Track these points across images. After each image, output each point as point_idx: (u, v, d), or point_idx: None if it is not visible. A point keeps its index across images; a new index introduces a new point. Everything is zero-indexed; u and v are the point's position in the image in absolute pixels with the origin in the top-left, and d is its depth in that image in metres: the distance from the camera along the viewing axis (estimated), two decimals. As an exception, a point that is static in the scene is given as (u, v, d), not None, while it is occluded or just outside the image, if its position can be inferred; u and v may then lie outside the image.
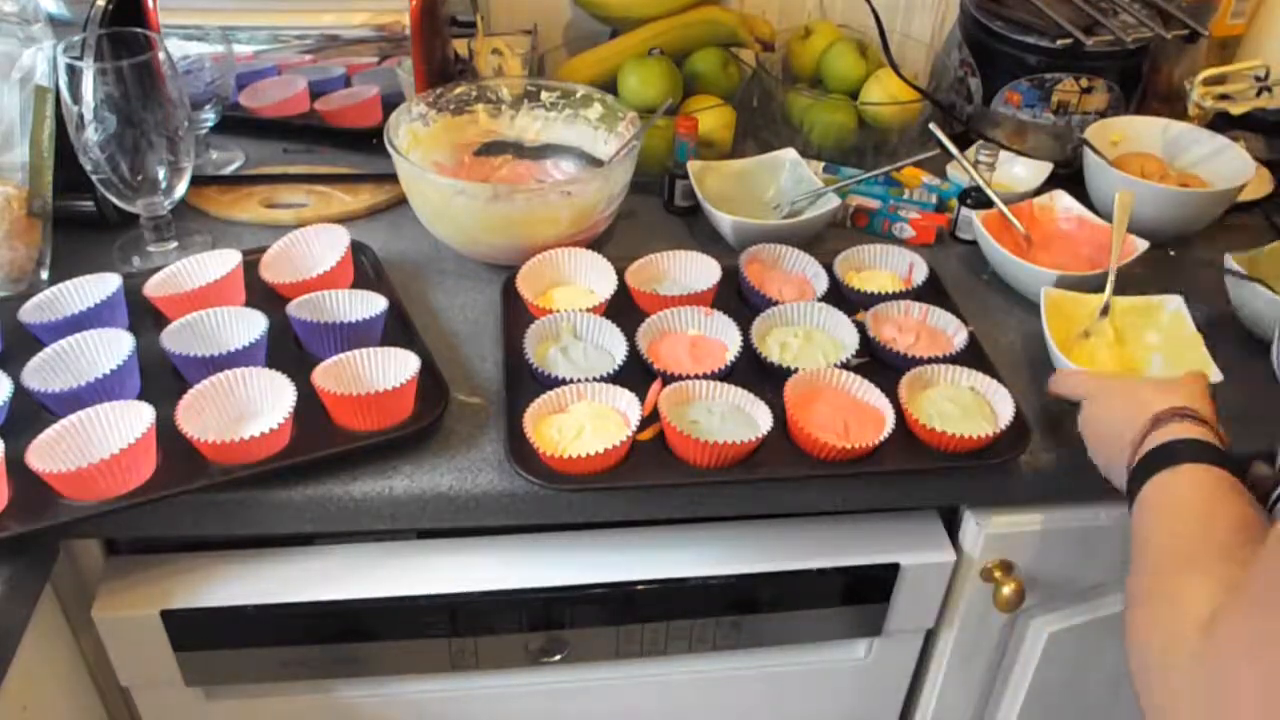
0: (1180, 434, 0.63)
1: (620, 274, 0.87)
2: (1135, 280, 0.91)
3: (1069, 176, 1.06)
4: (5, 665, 0.65)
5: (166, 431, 0.69)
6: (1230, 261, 0.89)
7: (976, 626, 0.88)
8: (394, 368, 0.76)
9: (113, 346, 0.76)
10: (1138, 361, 0.86)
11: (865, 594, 0.84)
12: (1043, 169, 1.07)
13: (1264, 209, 1.09)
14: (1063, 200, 0.99)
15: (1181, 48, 1.15)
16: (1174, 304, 0.87)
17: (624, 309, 0.85)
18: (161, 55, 0.82)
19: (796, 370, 0.78)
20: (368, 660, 0.81)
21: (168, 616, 0.75)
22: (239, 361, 0.75)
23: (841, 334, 0.84)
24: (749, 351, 0.81)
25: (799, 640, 0.88)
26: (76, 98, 0.80)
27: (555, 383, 0.77)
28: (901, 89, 1.08)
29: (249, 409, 0.74)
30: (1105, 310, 0.87)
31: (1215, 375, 0.79)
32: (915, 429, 0.75)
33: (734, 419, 0.74)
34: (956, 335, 0.84)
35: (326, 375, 0.74)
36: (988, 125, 1.11)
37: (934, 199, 1.03)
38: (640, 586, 0.79)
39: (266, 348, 0.78)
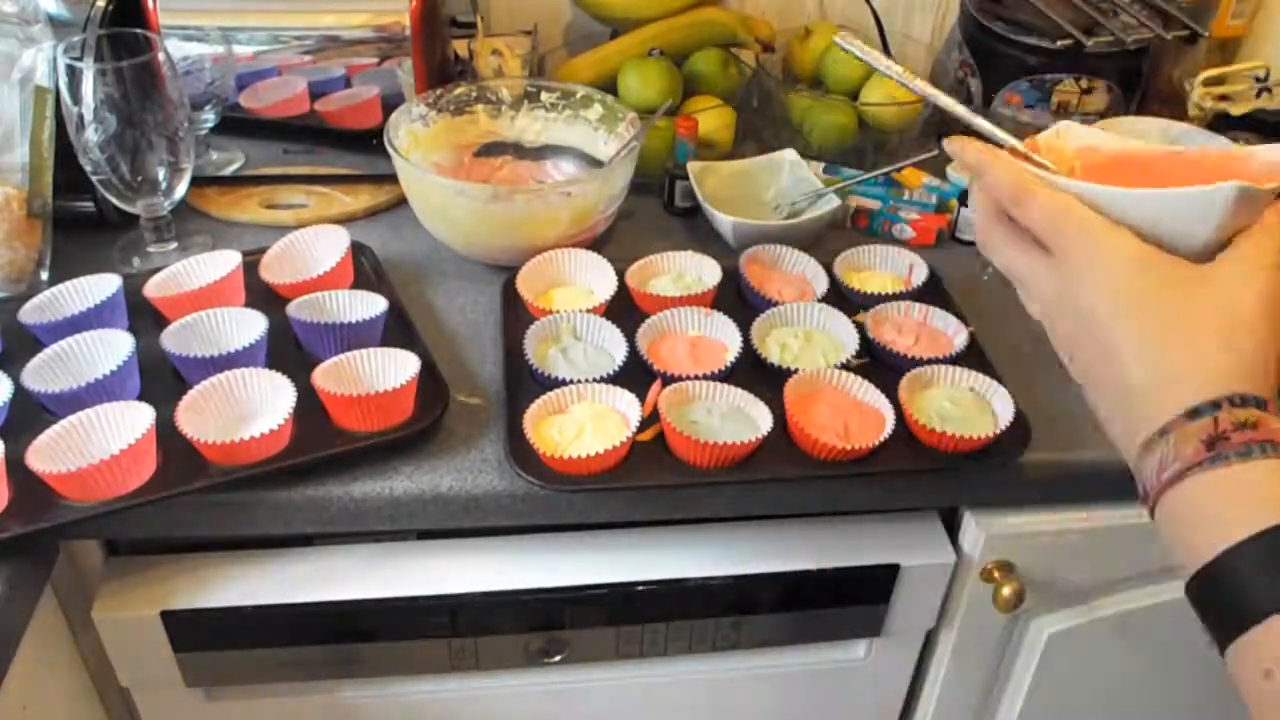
0: (1255, 492, 0.39)
1: (620, 274, 0.87)
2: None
3: (1069, 177, 1.06)
4: (5, 665, 0.65)
5: (166, 432, 0.69)
6: None
7: (976, 627, 0.88)
8: (394, 368, 0.76)
9: (113, 347, 0.76)
10: None
11: (865, 594, 0.84)
12: (1043, 169, 1.07)
13: (1264, 209, 1.09)
14: (1075, 132, 0.78)
15: (1181, 48, 1.15)
16: None
17: (624, 309, 0.85)
18: (161, 56, 0.82)
19: (796, 371, 0.78)
20: (368, 661, 0.81)
21: (168, 617, 0.75)
22: (239, 362, 0.75)
23: (841, 335, 0.84)
24: (749, 352, 0.81)
25: (799, 640, 0.88)
26: (76, 98, 0.80)
27: (555, 383, 0.77)
28: (901, 90, 1.08)
29: (249, 409, 0.74)
30: None
31: None
32: (915, 429, 0.75)
33: (734, 419, 0.74)
34: (956, 336, 0.84)
35: (326, 376, 0.74)
36: (988, 126, 1.11)
37: (934, 200, 1.03)
38: (640, 587, 0.79)
39: (266, 348, 0.78)
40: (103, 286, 0.81)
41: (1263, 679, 0.37)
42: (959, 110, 0.58)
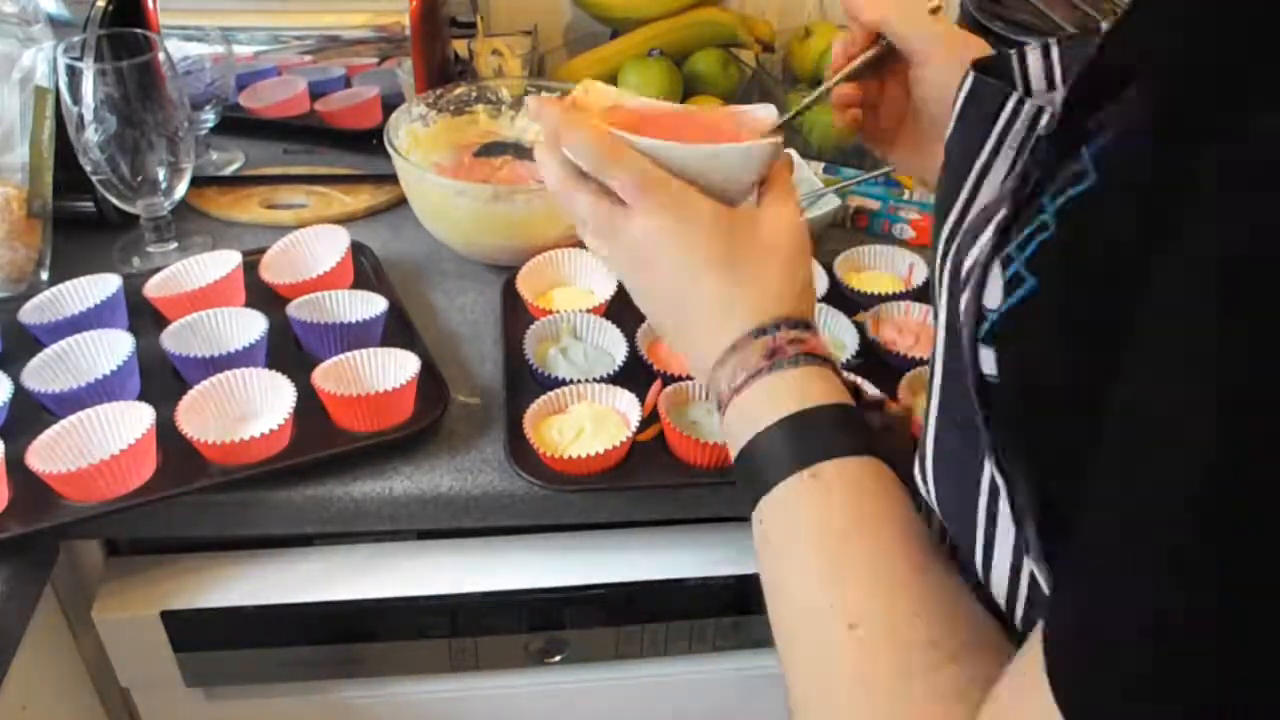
0: (794, 389, 0.48)
1: (620, 274, 0.87)
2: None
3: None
4: (5, 665, 0.65)
5: (167, 432, 0.69)
6: None
7: (976, 627, 0.88)
8: (394, 368, 0.76)
9: (113, 347, 0.76)
10: None
11: (865, 594, 0.84)
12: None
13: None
14: (599, 89, 0.59)
15: (1181, 48, 1.15)
16: None
17: (624, 309, 0.85)
18: (161, 56, 0.82)
19: (796, 371, 0.78)
20: (368, 661, 0.81)
21: (168, 617, 0.75)
22: (239, 362, 0.75)
23: (842, 334, 0.84)
24: (749, 352, 0.81)
25: (799, 641, 0.88)
26: (76, 98, 0.80)
27: (555, 383, 0.77)
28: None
29: (249, 409, 0.74)
30: None
31: None
32: (916, 430, 0.75)
33: (734, 419, 0.74)
34: (956, 336, 0.84)
35: (326, 376, 0.74)
36: (988, 126, 1.11)
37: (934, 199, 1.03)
38: (640, 587, 0.79)
39: (266, 348, 0.78)
40: (103, 286, 0.81)
41: (759, 525, 0.47)
42: None
